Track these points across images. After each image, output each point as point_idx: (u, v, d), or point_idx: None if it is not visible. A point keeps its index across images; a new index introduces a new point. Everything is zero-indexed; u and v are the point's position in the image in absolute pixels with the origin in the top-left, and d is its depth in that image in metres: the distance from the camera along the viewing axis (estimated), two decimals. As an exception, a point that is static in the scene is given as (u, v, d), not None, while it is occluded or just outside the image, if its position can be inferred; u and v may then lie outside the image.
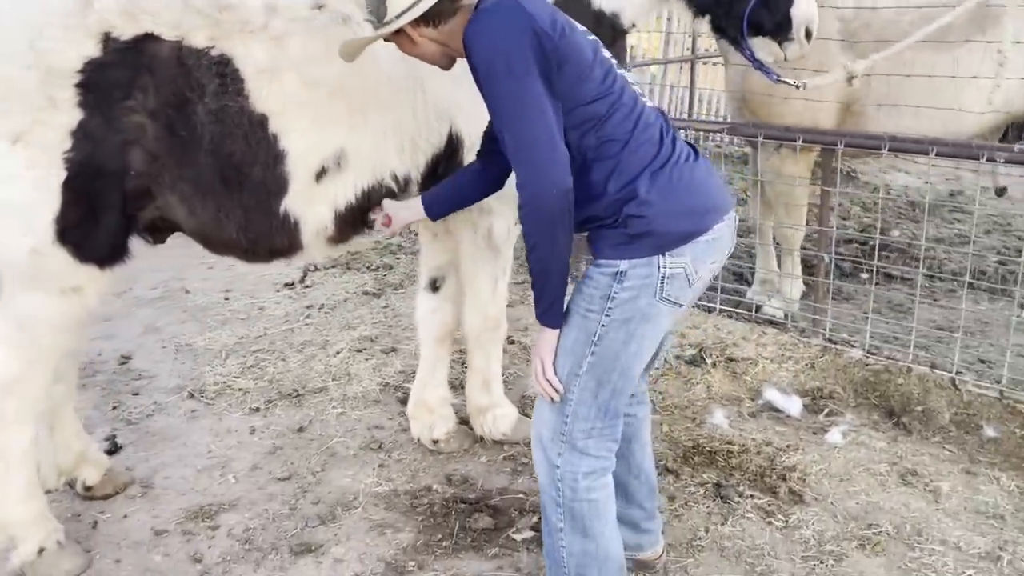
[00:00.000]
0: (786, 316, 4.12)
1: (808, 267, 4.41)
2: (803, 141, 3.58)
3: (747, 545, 2.54)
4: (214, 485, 2.91)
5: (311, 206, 2.42)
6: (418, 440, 3.11)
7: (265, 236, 2.41)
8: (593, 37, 1.95)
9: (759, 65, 2.85)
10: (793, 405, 3.36)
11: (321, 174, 2.40)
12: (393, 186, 2.51)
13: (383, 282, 4.85)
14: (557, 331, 1.87)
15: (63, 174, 2.15)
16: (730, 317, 4.14)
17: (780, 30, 2.76)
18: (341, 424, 3.30)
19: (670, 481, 2.86)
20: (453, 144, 2.53)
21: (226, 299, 4.68)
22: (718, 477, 2.89)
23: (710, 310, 4.16)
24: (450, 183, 2.32)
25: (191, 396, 3.55)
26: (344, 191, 2.45)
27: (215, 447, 3.16)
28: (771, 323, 4.10)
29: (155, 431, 3.28)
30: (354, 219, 2.52)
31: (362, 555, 2.52)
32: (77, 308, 2.32)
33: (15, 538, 2.42)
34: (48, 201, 2.16)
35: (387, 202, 2.41)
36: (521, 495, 2.80)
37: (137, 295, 4.71)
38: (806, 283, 4.35)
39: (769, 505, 2.73)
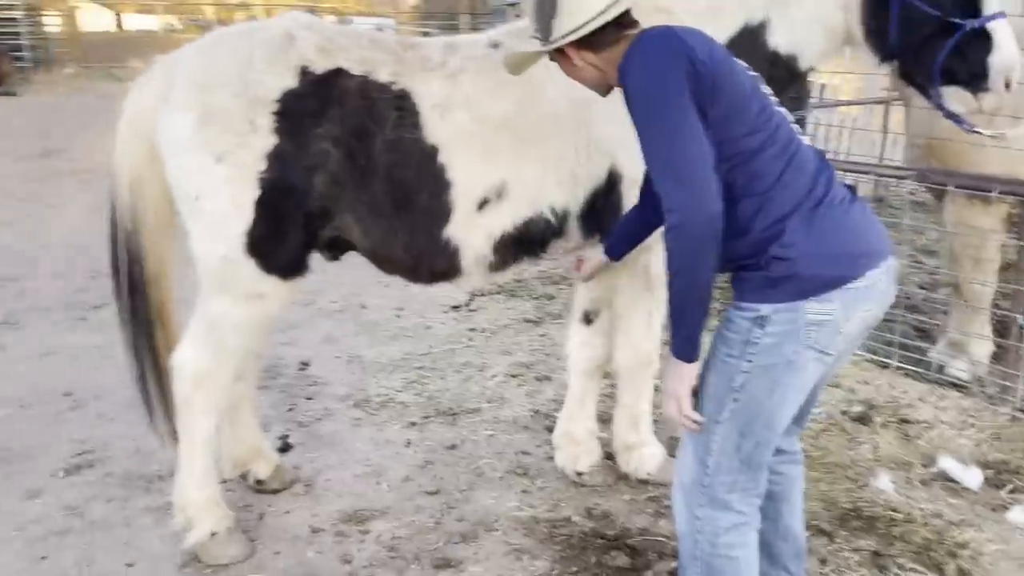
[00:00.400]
0: (972, 379, 3.78)
1: (1000, 328, 4.03)
2: (999, 192, 3.30)
3: (903, 622, 2.35)
4: (369, 491, 3.07)
5: (472, 233, 2.53)
6: (562, 470, 3.13)
7: (427, 258, 2.55)
8: (754, 73, 1.91)
9: (950, 114, 2.63)
10: (972, 477, 3.07)
11: (483, 204, 2.51)
12: (551, 219, 2.57)
13: (543, 311, 4.94)
14: (692, 366, 1.80)
15: (256, 192, 2.38)
16: (907, 375, 3.86)
17: (976, 80, 2.49)
18: (490, 446, 3.39)
19: (823, 543, 2.70)
20: (613, 180, 2.56)
21: (397, 316, 4.94)
22: (877, 545, 2.69)
23: (885, 365, 3.90)
24: (623, 222, 2.38)
25: (357, 406, 3.77)
26: (503, 221, 2.54)
27: (373, 456, 3.33)
28: (954, 386, 3.78)
29: (322, 435, 3.51)
30: (512, 248, 2.60)
31: (500, 575, 2.57)
32: (260, 314, 2.55)
33: (192, 520, 2.67)
34: (241, 215, 2.40)
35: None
36: (662, 538, 2.75)
37: (320, 307, 5.06)
38: (997, 345, 3.97)
39: (933, 582, 2.51)
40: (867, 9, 2.51)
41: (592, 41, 1.90)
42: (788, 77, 2.66)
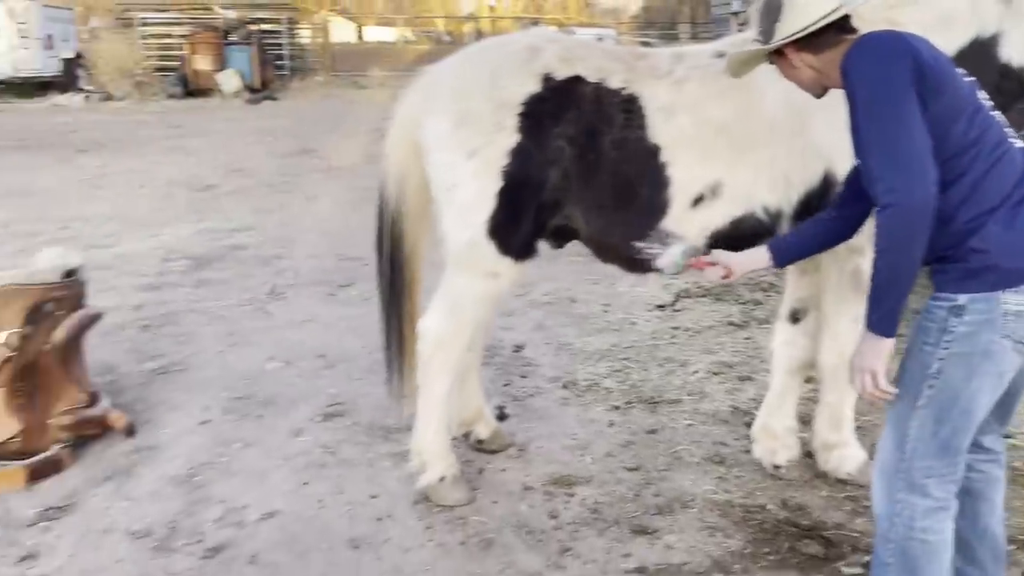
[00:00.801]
0: None
1: None
2: None
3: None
4: (574, 461, 3.37)
5: (686, 228, 2.74)
6: (759, 462, 3.25)
7: (644, 250, 2.80)
8: (971, 78, 1.99)
9: None
10: None
11: (698, 200, 2.72)
12: (763, 218, 2.73)
13: (749, 315, 5.02)
14: (888, 341, 1.90)
15: (499, 184, 2.75)
16: None
17: None
18: (689, 434, 3.57)
19: (1029, 560, 2.65)
20: (828, 183, 2.67)
21: (604, 311, 5.22)
22: (1092, 569, 2.60)
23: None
24: (800, 231, 2.42)
25: (565, 387, 4.09)
26: (716, 218, 2.74)
27: (579, 431, 3.63)
28: None
29: (534, 409, 3.86)
30: (723, 244, 2.78)
31: (691, 548, 2.77)
32: (494, 290, 2.92)
33: (425, 464, 3.10)
34: (485, 204, 2.78)
35: (721, 253, 2.45)
36: (857, 534, 2.81)
37: (532, 298, 5.46)
38: None
39: None
40: None
41: (813, 43, 2.04)
42: (1019, 90, 2.64)
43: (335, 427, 3.72)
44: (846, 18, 2.04)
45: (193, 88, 18.63)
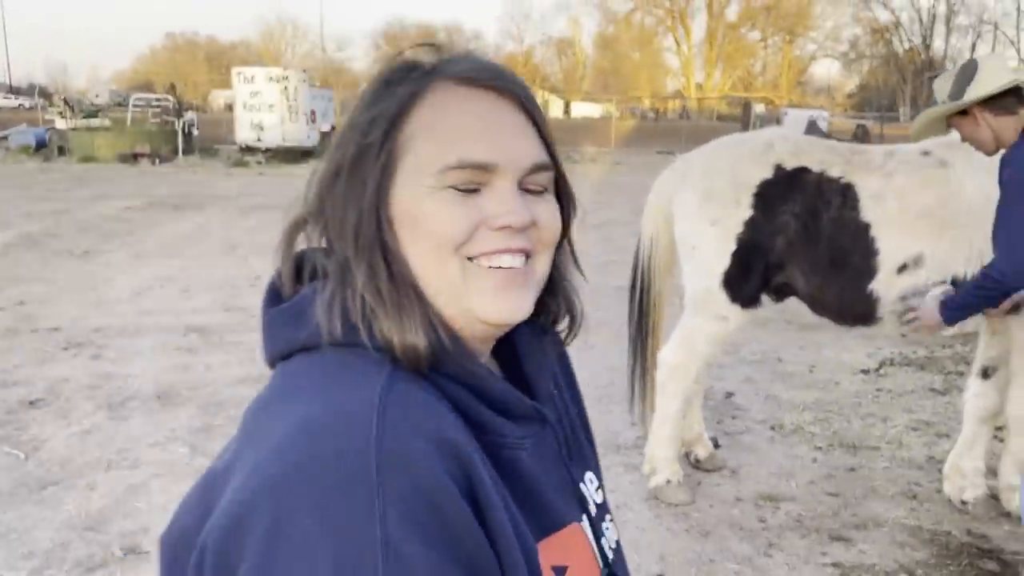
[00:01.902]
0: None
1: None
2: None
3: None
4: (780, 484, 4.00)
5: (889, 290, 3.38)
6: (948, 498, 3.73)
7: (852, 305, 3.46)
8: None
9: None
10: None
11: (902, 268, 3.36)
12: (952, 288, 3.32)
13: (951, 384, 5.37)
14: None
15: (734, 246, 3.54)
16: None
17: None
18: (885, 474, 4.09)
19: None
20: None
21: (810, 371, 5.76)
22: None
23: None
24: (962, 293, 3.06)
25: (772, 428, 4.71)
26: (917, 284, 3.35)
27: (784, 463, 4.25)
28: None
29: (743, 444, 4.52)
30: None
31: (882, 554, 3.33)
32: (722, 331, 3.69)
33: (655, 469, 3.86)
34: (722, 261, 3.57)
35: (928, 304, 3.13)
36: (1036, 563, 3.24)
37: (742, 356, 6.09)
38: None
39: None
40: None
41: (995, 104, 2.69)
42: None
43: (576, 440, 4.56)
44: (1021, 94, 2.68)
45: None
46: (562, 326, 0.95)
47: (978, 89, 2.70)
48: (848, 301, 3.47)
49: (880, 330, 3.64)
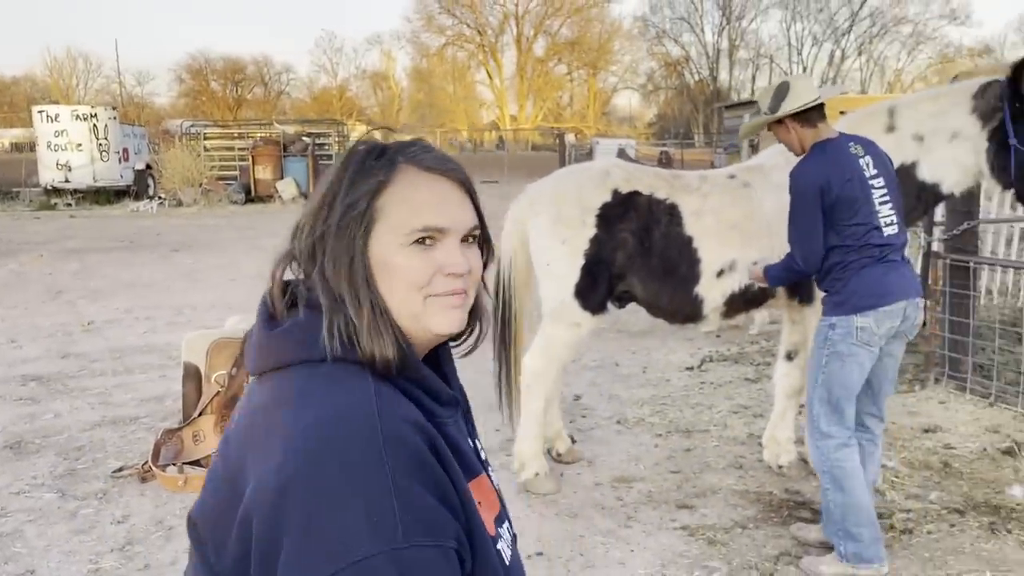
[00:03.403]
0: None
1: None
2: None
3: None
4: (631, 468, 4.55)
5: (711, 292, 4.03)
6: (768, 465, 4.43)
7: (681, 307, 4.08)
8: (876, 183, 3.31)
9: None
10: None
11: (720, 273, 4.02)
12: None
13: (761, 373, 6.23)
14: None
15: (582, 261, 4.06)
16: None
17: None
18: (715, 451, 4.76)
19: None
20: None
21: (644, 372, 6.45)
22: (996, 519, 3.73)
23: (1048, 424, 4.79)
24: None
25: (618, 423, 5.30)
26: (732, 285, 4.02)
27: (632, 450, 4.82)
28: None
29: (595, 438, 5.06)
30: (738, 303, 4.07)
31: (720, 515, 3.94)
32: (577, 336, 4.20)
33: (524, 464, 4.29)
34: (572, 275, 4.09)
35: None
36: (838, 508, 3.96)
37: (584, 363, 6.70)
38: None
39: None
40: (992, 154, 3.79)
41: (801, 117, 3.35)
42: (933, 199, 3.96)
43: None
44: (822, 108, 3.37)
45: (254, 195, 20.47)
46: (470, 339, 1.29)
47: (791, 103, 3.37)
48: (678, 303, 4.08)
49: (700, 331, 4.29)
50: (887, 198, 3.27)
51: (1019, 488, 4.05)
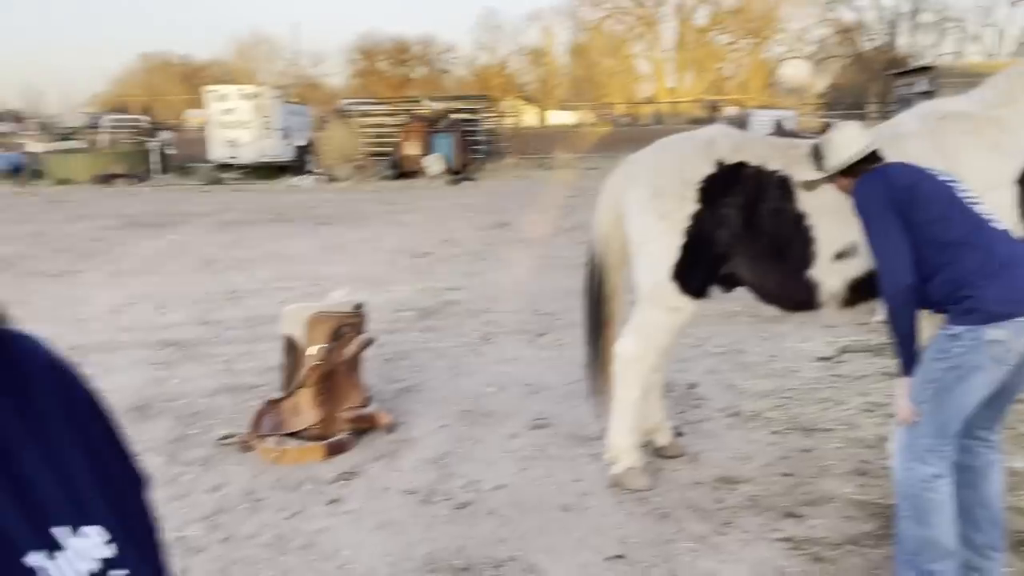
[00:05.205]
0: None
1: None
2: None
3: None
4: (737, 467, 4.16)
5: (828, 277, 3.56)
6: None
7: (793, 292, 3.63)
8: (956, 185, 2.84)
9: None
10: None
11: (840, 256, 3.53)
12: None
13: (905, 368, 5.57)
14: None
15: (682, 240, 3.70)
16: None
17: None
18: (836, 454, 4.26)
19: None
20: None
21: (771, 361, 5.94)
22: None
23: None
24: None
25: (731, 416, 4.88)
26: (854, 269, 3.53)
27: (742, 447, 4.41)
28: None
29: (703, 431, 4.68)
30: (860, 290, 3.57)
31: (831, 528, 3.49)
32: (674, 321, 3.84)
33: (616, 457, 4.01)
34: (670, 255, 3.73)
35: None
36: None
37: (706, 349, 6.26)
38: None
39: None
40: None
41: (845, 172, 3.00)
42: None
43: (542, 434, 4.72)
44: (872, 156, 2.95)
45: (402, 171, 21.04)
46: None
47: (831, 164, 3.05)
48: (789, 289, 3.63)
49: (838, 318, 3.81)
50: (978, 201, 2.84)
51: None
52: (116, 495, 0.86)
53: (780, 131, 19.84)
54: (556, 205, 15.17)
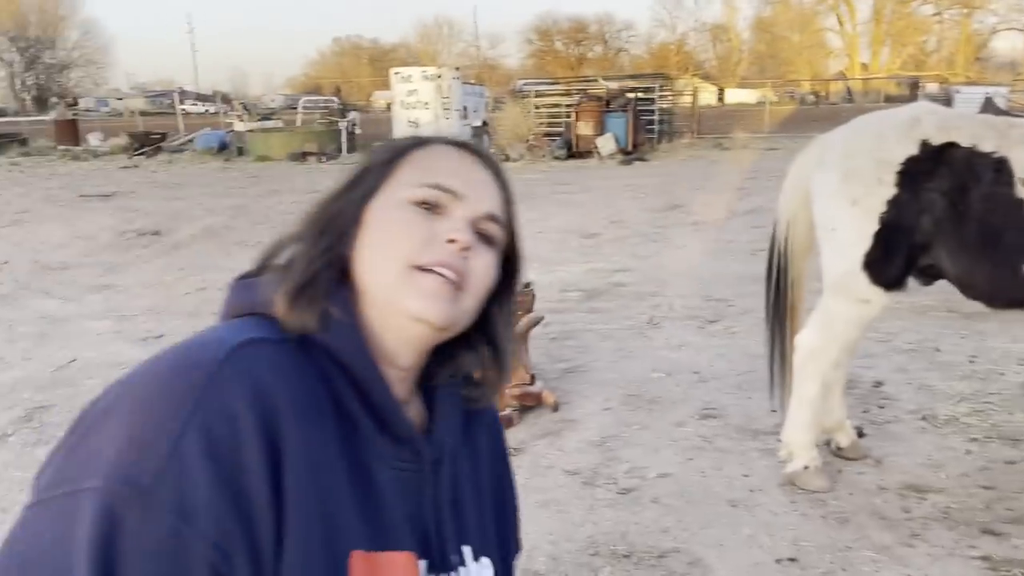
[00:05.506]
0: None
1: None
2: None
3: None
4: (929, 475, 3.82)
5: (1050, 271, 3.16)
6: (1122, 498, 3.43)
7: (1004, 288, 3.26)
8: None
9: None
10: None
11: (1064, 248, 3.13)
12: None
13: None
14: None
15: (876, 227, 3.41)
16: None
17: None
18: (1050, 471, 3.81)
19: None
20: None
21: (971, 362, 5.41)
22: None
23: None
24: None
25: (923, 419, 4.49)
26: (1082, 264, 3.12)
27: (934, 454, 4.04)
28: None
29: (890, 434, 4.33)
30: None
31: (1038, 552, 3.13)
32: (864, 314, 3.57)
33: (792, 454, 3.80)
34: (862, 242, 3.45)
35: None
36: None
37: (895, 345, 5.80)
38: None
39: None
40: None
41: None
42: None
43: (710, 425, 4.55)
44: None
45: (575, 151, 21.01)
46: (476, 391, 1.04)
47: None
48: (1000, 283, 3.27)
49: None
50: None
51: None
52: (501, 545, 1.08)
53: (991, 109, 18.03)
54: (732, 187, 14.59)
